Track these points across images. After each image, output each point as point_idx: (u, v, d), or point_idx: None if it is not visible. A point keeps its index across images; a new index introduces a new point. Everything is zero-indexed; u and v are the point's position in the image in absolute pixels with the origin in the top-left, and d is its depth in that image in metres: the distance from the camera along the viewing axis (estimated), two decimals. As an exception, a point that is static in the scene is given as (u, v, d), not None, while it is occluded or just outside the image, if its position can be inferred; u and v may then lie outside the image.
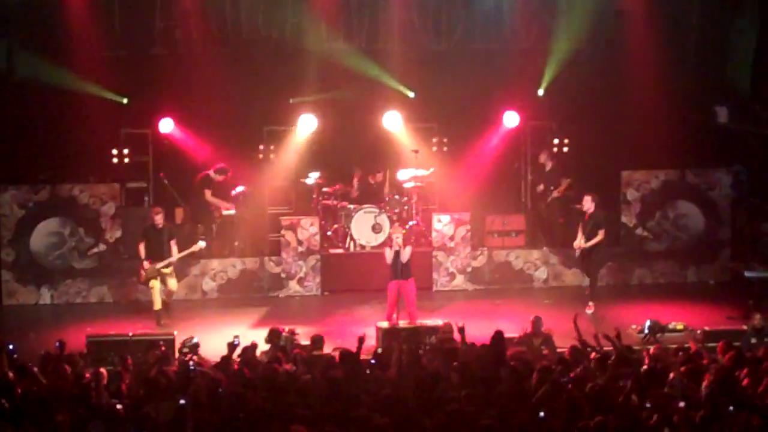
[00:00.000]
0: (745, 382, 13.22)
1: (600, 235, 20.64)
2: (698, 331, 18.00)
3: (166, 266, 20.12)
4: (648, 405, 12.04)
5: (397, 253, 18.77)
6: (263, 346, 16.12)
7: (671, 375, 13.19)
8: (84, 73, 23.07)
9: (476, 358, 14.21)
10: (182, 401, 11.91)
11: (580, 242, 20.75)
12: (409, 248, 19.03)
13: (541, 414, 11.56)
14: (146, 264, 19.98)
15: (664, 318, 18.76)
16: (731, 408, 11.91)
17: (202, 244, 20.69)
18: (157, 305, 19.90)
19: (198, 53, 23.69)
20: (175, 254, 20.17)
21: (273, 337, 16.37)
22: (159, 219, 20.28)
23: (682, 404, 11.90)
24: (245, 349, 15.21)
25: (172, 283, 20.31)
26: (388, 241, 19.83)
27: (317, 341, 15.92)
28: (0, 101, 22.90)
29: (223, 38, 24.04)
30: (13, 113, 22.91)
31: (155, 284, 19.98)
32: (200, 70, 23.45)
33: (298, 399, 12.49)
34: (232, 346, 14.88)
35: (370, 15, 24.24)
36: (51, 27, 23.07)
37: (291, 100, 23.91)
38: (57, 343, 15.11)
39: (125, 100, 23.54)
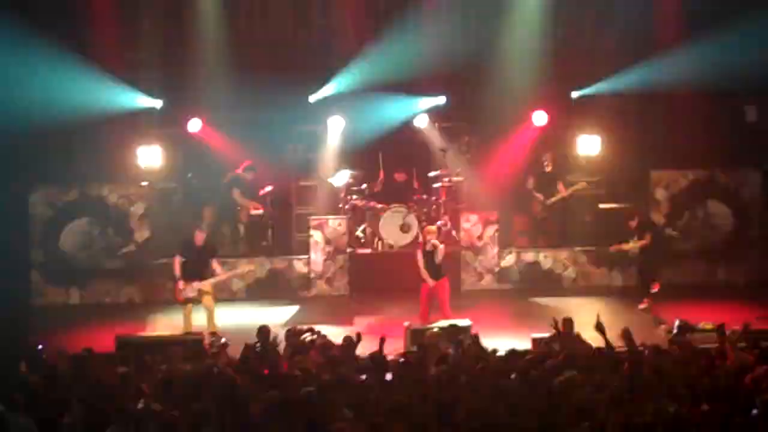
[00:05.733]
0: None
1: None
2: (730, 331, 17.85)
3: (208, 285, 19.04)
4: None
5: (430, 254, 18.79)
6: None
7: None
8: (112, 74, 23.11)
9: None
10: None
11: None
12: (443, 247, 19.04)
13: None
14: (182, 284, 18.91)
15: (694, 318, 18.65)
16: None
17: (248, 267, 20.75)
18: (187, 328, 18.86)
19: (226, 53, 23.72)
20: (220, 273, 19.19)
21: (291, 337, 16.31)
22: (199, 239, 19.10)
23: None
24: (265, 349, 15.22)
25: (208, 300, 19.08)
26: (418, 242, 19.76)
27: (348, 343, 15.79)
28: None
29: (251, 38, 24.08)
30: (41, 115, 22.94)
31: (191, 307, 18.95)
32: (228, 69, 23.50)
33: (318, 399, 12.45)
34: (248, 347, 14.92)
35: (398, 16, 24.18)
36: (80, 25, 23.05)
37: (311, 99, 23.92)
38: (84, 351, 15.07)
39: (159, 105, 23.63)
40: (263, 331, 15.66)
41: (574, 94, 24.21)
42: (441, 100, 24.21)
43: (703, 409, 11.94)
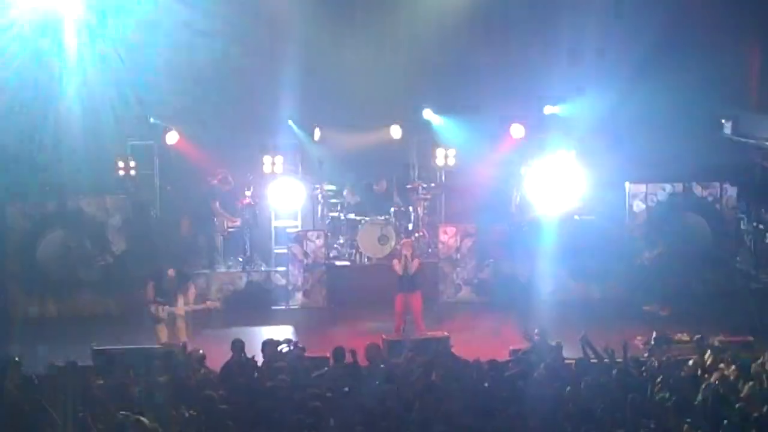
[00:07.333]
0: None
1: None
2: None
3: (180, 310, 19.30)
4: None
5: (405, 266, 18.93)
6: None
7: None
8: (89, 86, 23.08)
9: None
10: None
11: None
12: (416, 260, 19.18)
13: None
14: (153, 307, 19.11)
15: (671, 329, 18.71)
16: None
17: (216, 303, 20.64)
18: (163, 338, 19.02)
19: (202, 66, 23.69)
20: (190, 302, 19.37)
21: (267, 348, 16.30)
22: (171, 272, 19.30)
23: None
24: (247, 361, 15.23)
25: (180, 320, 19.27)
26: (396, 254, 19.87)
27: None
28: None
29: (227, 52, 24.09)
30: (18, 126, 22.84)
31: (164, 329, 19.15)
32: (206, 82, 23.48)
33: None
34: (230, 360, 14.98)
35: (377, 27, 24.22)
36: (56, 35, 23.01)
37: (289, 122, 23.99)
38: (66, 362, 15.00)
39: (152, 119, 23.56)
40: (237, 344, 15.71)
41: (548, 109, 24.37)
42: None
43: (687, 423, 12.03)
